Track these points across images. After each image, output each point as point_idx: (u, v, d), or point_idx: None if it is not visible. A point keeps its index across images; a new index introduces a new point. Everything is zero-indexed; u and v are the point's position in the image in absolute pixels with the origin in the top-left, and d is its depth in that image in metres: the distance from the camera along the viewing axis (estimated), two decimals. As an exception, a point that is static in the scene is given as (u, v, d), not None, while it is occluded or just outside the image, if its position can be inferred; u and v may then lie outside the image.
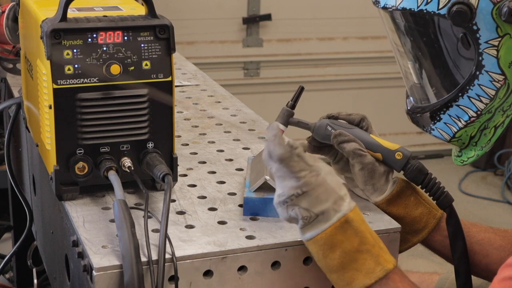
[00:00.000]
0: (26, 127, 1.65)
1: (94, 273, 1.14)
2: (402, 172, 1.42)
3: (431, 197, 1.41)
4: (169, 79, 1.34)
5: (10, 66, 2.04)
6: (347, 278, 1.18)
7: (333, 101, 4.69)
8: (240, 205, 1.36)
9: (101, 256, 1.17)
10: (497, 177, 4.65)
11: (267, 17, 4.49)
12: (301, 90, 1.44)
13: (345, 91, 4.74)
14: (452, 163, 5.22)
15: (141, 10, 1.39)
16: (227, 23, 4.46)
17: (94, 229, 1.26)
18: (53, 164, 1.32)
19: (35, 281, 2.28)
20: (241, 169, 1.53)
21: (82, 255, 1.20)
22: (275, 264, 1.25)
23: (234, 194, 1.42)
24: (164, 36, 1.33)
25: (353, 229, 1.18)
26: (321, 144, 1.45)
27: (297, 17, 4.55)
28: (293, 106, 1.44)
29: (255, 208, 1.30)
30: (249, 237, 1.25)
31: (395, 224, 1.32)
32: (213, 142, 1.69)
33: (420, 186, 1.41)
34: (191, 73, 2.27)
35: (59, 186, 1.33)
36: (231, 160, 1.59)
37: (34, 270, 2.29)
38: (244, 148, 1.66)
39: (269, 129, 1.19)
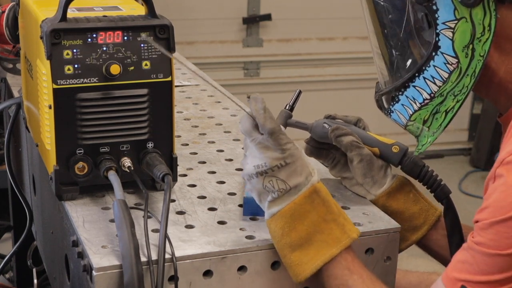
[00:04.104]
0: (26, 127, 1.65)
1: (94, 273, 1.14)
2: (399, 168, 1.44)
3: (428, 189, 1.43)
4: (169, 79, 1.34)
5: (10, 66, 2.04)
6: (312, 251, 1.20)
7: (333, 101, 4.69)
8: (240, 205, 1.37)
9: (101, 256, 1.17)
10: (497, 177, 4.65)
11: (267, 17, 4.50)
12: (298, 93, 1.47)
13: (345, 91, 4.75)
14: (452, 163, 5.18)
15: (141, 10, 1.39)
16: (227, 23, 4.46)
17: (94, 229, 1.26)
18: (53, 164, 1.32)
19: (35, 281, 2.28)
20: (241, 169, 1.53)
21: (82, 255, 1.20)
22: (275, 264, 1.25)
23: (234, 194, 1.42)
24: (164, 36, 1.33)
25: (320, 199, 1.21)
26: (319, 145, 1.47)
27: (297, 17, 4.55)
28: (291, 108, 1.46)
29: (255, 208, 1.30)
30: (249, 237, 1.25)
31: (394, 224, 1.33)
32: (213, 142, 1.69)
33: (417, 178, 1.42)
34: (191, 73, 2.27)
35: (59, 186, 1.33)
36: (231, 160, 1.59)
37: (34, 270, 2.29)
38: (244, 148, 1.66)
39: (255, 101, 1.21)
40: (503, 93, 1.32)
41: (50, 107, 1.29)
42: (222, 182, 1.47)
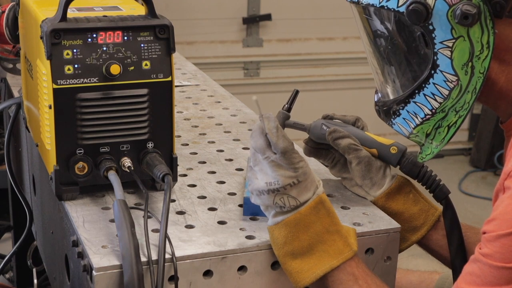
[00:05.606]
0: (26, 127, 1.65)
1: (94, 273, 1.14)
2: (398, 168, 1.44)
3: (427, 190, 1.43)
4: (169, 79, 1.34)
5: (10, 66, 2.04)
6: (313, 260, 1.20)
7: (332, 101, 4.69)
8: (240, 205, 1.36)
9: (101, 256, 1.17)
10: (497, 177, 4.64)
11: (267, 17, 4.49)
12: (296, 93, 1.46)
13: (345, 91, 4.74)
14: (452, 163, 5.18)
15: (141, 10, 1.39)
16: (227, 23, 4.46)
17: (94, 229, 1.26)
18: (53, 164, 1.32)
19: (35, 281, 2.29)
20: (241, 169, 1.53)
21: (82, 255, 1.20)
22: (275, 264, 1.25)
23: (234, 194, 1.42)
24: (164, 36, 1.33)
25: (326, 210, 1.21)
26: (318, 146, 1.47)
27: (297, 17, 4.55)
28: (289, 109, 1.46)
29: (255, 208, 1.30)
30: (249, 237, 1.25)
31: (395, 224, 1.33)
32: (213, 142, 1.69)
33: (416, 179, 1.42)
34: (191, 73, 2.27)
35: (59, 186, 1.33)
36: (231, 160, 1.59)
37: (34, 270, 2.29)
38: (244, 148, 1.66)
39: (267, 120, 1.20)
40: (504, 100, 1.32)
41: (50, 107, 1.29)
42: (222, 182, 1.47)
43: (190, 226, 1.28)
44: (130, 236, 1.15)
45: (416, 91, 1.33)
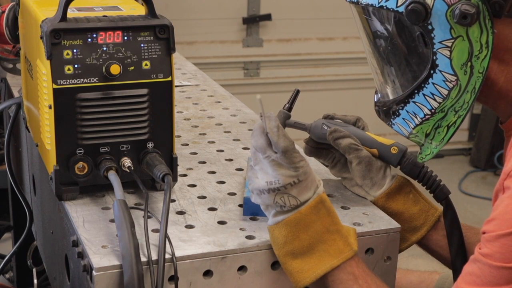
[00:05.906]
0: (26, 127, 1.65)
1: (94, 273, 1.14)
2: (398, 168, 1.44)
3: (428, 190, 1.43)
4: (169, 79, 1.35)
5: (10, 66, 2.04)
6: (313, 260, 1.20)
7: (333, 101, 4.69)
8: (240, 205, 1.37)
9: (101, 256, 1.17)
10: (497, 177, 4.63)
11: (267, 17, 4.49)
12: (297, 93, 1.47)
13: (345, 91, 4.74)
14: (452, 163, 5.17)
15: (141, 10, 1.39)
16: (227, 23, 4.46)
17: (94, 229, 1.26)
18: (53, 164, 1.32)
19: (35, 281, 2.29)
20: (241, 169, 1.53)
21: (82, 255, 1.20)
22: (275, 264, 1.25)
23: (234, 194, 1.42)
24: (164, 36, 1.33)
25: (326, 209, 1.21)
26: (318, 145, 1.47)
27: (297, 17, 4.55)
28: (289, 109, 1.46)
29: (255, 208, 1.30)
30: (249, 237, 1.25)
31: (395, 224, 1.33)
32: (213, 142, 1.69)
33: (416, 179, 1.42)
34: (191, 73, 2.27)
35: (59, 186, 1.33)
36: (231, 160, 1.59)
37: (34, 270, 2.29)
38: (244, 148, 1.66)
39: (268, 119, 1.20)
40: (503, 100, 1.32)
41: (50, 107, 1.29)
42: (222, 182, 1.47)
43: (190, 226, 1.28)
44: (130, 236, 1.15)
45: (416, 91, 1.33)
